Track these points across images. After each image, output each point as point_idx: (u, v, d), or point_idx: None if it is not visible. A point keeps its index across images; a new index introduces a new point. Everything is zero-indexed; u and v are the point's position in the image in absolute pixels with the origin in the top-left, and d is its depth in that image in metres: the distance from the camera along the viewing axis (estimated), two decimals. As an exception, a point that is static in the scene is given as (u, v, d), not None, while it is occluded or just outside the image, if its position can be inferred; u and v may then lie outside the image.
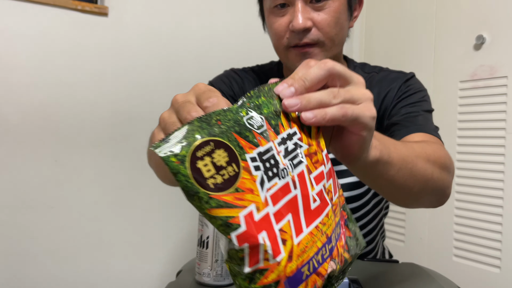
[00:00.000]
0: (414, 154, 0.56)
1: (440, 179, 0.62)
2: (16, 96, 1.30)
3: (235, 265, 0.33)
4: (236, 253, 0.32)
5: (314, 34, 0.76)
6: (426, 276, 0.75)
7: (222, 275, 0.63)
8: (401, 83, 0.85)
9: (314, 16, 0.75)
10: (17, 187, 1.31)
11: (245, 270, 0.32)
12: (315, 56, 0.77)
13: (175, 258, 1.57)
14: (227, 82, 0.90)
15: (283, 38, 0.78)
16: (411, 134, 0.75)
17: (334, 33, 0.77)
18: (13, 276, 1.31)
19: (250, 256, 0.32)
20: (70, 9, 1.37)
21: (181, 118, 0.39)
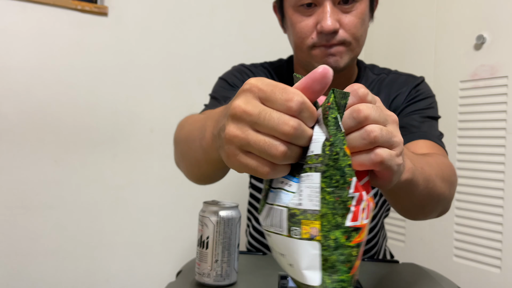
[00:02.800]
0: (434, 173, 0.57)
1: (449, 197, 0.65)
2: (16, 96, 1.30)
3: (339, 216, 0.35)
4: (344, 202, 0.35)
5: (341, 36, 0.75)
6: (426, 276, 0.75)
7: (222, 276, 0.63)
8: (411, 88, 0.85)
9: (341, 17, 0.75)
10: (17, 187, 1.31)
11: (347, 223, 0.35)
12: (341, 56, 0.76)
13: (175, 258, 1.57)
14: (239, 76, 0.89)
15: (308, 38, 0.77)
16: (415, 140, 0.76)
17: (360, 34, 0.77)
18: (13, 276, 1.31)
19: (354, 211, 0.35)
20: (70, 9, 1.36)
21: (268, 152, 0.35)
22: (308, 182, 0.36)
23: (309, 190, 0.35)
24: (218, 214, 0.63)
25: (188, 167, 0.66)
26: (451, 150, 1.49)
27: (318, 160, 0.35)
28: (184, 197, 1.55)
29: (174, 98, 1.55)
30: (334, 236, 0.35)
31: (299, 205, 0.36)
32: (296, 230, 0.36)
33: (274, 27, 1.01)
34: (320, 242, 0.35)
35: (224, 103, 0.82)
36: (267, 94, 0.35)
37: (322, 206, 0.35)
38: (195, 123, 0.57)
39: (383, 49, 1.82)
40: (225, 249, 0.63)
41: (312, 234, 0.35)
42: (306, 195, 0.35)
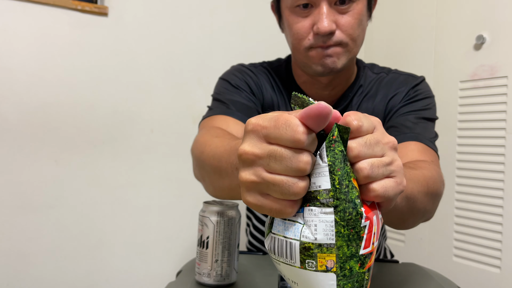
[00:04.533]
0: (417, 189, 0.56)
1: (431, 210, 0.65)
2: (16, 96, 1.30)
3: (353, 247, 0.36)
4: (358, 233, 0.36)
5: (338, 37, 0.75)
6: (426, 276, 0.75)
7: (222, 275, 0.63)
8: (409, 88, 0.85)
9: (338, 18, 0.74)
10: (17, 187, 1.31)
11: (361, 252, 0.36)
12: (338, 56, 0.76)
13: (175, 258, 1.57)
14: (240, 77, 0.88)
15: (305, 39, 0.76)
16: (406, 141, 0.75)
17: (357, 34, 0.76)
18: (13, 276, 1.31)
19: (366, 239, 0.36)
20: (70, 9, 1.37)
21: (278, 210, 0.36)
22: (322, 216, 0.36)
23: (324, 224, 0.36)
24: (218, 214, 0.63)
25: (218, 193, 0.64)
26: (451, 150, 1.49)
27: (330, 195, 0.36)
28: (184, 197, 1.55)
29: (174, 98, 1.55)
30: (349, 265, 0.36)
31: (314, 240, 0.36)
32: (311, 263, 0.37)
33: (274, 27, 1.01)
34: (336, 273, 0.36)
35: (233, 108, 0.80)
36: (271, 131, 0.34)
37: (337, 239, 0.36)
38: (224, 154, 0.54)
39: (383, 49, 1.82)
40: (225, 249, 0.63)
41: (328, 266, 0.36)
42: (321, 230, 0.36)
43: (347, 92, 0.87)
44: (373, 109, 0.85)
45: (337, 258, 0.36)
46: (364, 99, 0.86)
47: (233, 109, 0.80)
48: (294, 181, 0.34)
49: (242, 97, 0.84)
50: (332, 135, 0.36)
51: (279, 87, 0.89)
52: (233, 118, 0.77)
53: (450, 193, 1.48)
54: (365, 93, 0.87)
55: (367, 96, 0.86)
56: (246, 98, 0.84)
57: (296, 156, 0.34)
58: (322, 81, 0.83)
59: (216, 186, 0.60)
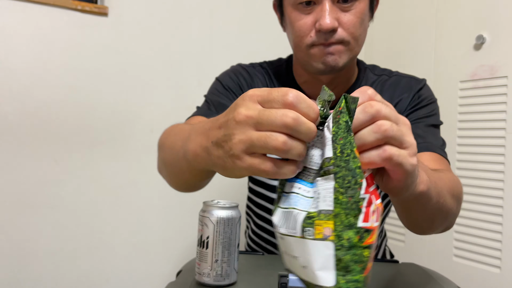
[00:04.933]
0: (445, 188, 0.58)
1: (456, 213, 0.66)
2: (16, 96, 1.30)
3: (352, 216, 0.36)
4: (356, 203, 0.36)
5: (340, 34, 0.75)
6: (426, 276, 0.75)
7: (222, 275, 0.63)
8: (413, 94, 0.85)
9: (340, 16, 0.74)
10: (17, 187, 1.31)
11: (359, 224, 0.36)
12: (339, 55, 0.76)
13: (175, 258, 1.57)
14: (234, 78, 0.88)
15: (307, 36, 0.76)
16: (420, 152, 0.76)
17: (359, 33, 0.76)
18: (13, 276, 1.31)
19: (366, 212, 0.36)
20: (70, 9, 1.37)
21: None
22: (323, 184, 0.37)
23: (324, 191, 0.37)
24: (218, 214, 0.63)
25: (170, 175, 0.66)
26: (451, 150, 1.49)
27: (330, 163, 0.36)
28: (184, 197, 1.54)
29: (174, 98, 1.55)
30: (348, 236, 0.36)
31: (315, 208, 0.37)
32: (309, 231, 0.37)
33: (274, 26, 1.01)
34: (333, 242, 0.36)
35: (214, 109, 0.82)
36: (265, 96, 0.37)
37: (336, 206, 0.36)
38: (179, 134, 0.57)
39: (383, 49, 1.82)
40: (225, 249, 0.63)
41: (325, 234, 0.36)
42: (321, 197, 0.37)
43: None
44: None
45: (335, 226, 0.36)
46: None
47: (213, 111, 0.82)
48: (275, 135, 0.36)
49: (229, 99, 0.85)
50: (339, 106, 0.37)
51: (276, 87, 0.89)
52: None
53: (450, 193, 1.48)
54: None
55: None
56: (232, 101, 0.84)
57: (282, 111, 0.36)
58: (323, 80, 0.83)
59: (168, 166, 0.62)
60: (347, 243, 0.36)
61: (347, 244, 0.36)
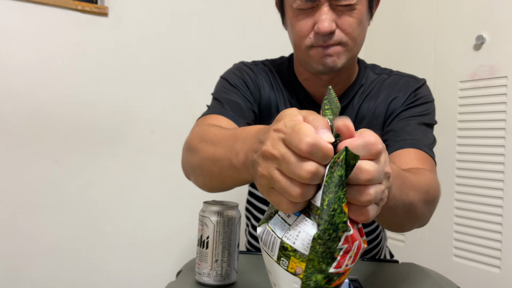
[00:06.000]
0: (417, 197, 0.59)
1: (429, 216, 0.69)
2: (16, 96, 1.30)
3: (325, 264, 0.38)
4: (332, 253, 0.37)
5: (338, 36, 0.76)
6: (426, 276, 0.75)
7: (222, 275, 0.63)
8: (410, 92, 0.85)
9: (339, 18, 0.75)
10: (17, 187, 1.31)
11: (330, 270, 0.38)
12: (338, 56, 0.77)
13: (175, 258, 1.57)
14: (239, 75, 0.89)
15: (306, 38, 0.77)
16: (405, 148, 0.77)
17: (357, 34, 0.77)
18: (13, 276, 1.31)
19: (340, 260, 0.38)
20: (70, 9, 1.37)
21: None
22: (306, 227, 0.39)
23: (304, 235, 0.38)
24: (218, 214, 0.63)
25: (208, 181, 0.65)
26: (451, 150, 1.49)
27: (317, 213, 0.38)
28: (184, 197, 1.55)
29: (174, 98, 1.55)
30: (315, 278, 0.38)
31: (293, 244, 0.39)
32: (284, 262, 0.39)
33: (274, 26, 1.01)
34: (301, 280, 0.39)
35: (228, 107, 0.81)
36: (286, 136, 0.37)
37: (311, 252, 0.38)
38: (221, 141, 0.56)
39: (383, 49, 1.82)
40: (225, 249, 0.63)
41: (296, 271, 0.39)
42: (300, 239, 0.38)
43: (348, 91, 0.87)
44: (374, 109, 0.86)
45: (306, 267, 0.38)
46: (366, 99, 0.87)
47: (227, 109, 0.81)
48: (292, 187, 0.37)
49: (238, 96, 0.85)
50: (338, 158, 0.36)
51: (279, 85, 0.89)
52: (225, 118, 0.79)
53: (450, 193, 1.49)
54: (366, 93, 0.87)
55: (369, 96, 0.87)
56: (242, 98, 0.85)
57: (300, 164, 0.36)
58: (323, 79, 0.84)
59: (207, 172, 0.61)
60: (313, 284, 0.39)
61: (313, 285, 0.39)
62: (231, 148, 0.51)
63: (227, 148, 0.52)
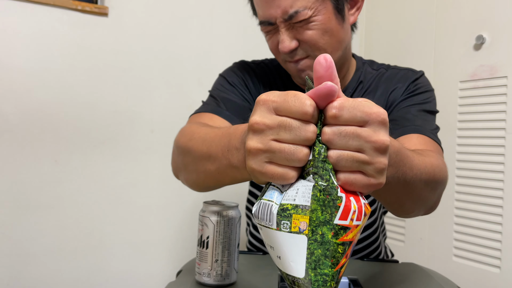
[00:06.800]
0: (418, 177, 0.56)
1: (433, 198, 0.65)
2: (16, 96, 1.30)
3: (328, 213, 0.37)
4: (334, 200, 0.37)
5: (302, 50, 0.77)
6: (426, 276, 0.75)
7: (222, 275, 0.63)
8: (409, 82, 0.85)
9: (299, 34, 0.76)
10: (17, 187, 1.31)
11: (335, 221, 0.37)
12: (310, 68, 0.78)
13: (175, 258, 1.57)
14: (239, 74, 0.89)
15: (278, 55, 0.80)
16: (408, 134, 0.75)
17: (323, 43, 0.77)
18: (13, 276, 1.31)
19: (343, 210, 0.38)
20: (70, 9, 1.37)
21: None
22: (303, 183, 0.39)
23: (303, 188, 0.38)
24: (218, 214, 0.63)
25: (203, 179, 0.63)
26: (451, 150, 1.49)
27: (310, 164, 0.38)
28: (184, 197, 1.55)
29: (174, 98, 1.55)
30: (321, 231, 0.38)
31: (293, 201, 0.38)
32: (286, 224, 0.39)
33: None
34: (307, 236, 0.38)
35: (223, 106, 0.82)
36: (280, 104, 0.38)
37: (313, 202, 0.38)
38: (215, 139, 0.55)
39: (383, 49, 1.82)
40: (225, 248, 0.63)
41: (301, 228, 0.38)
42: (300, 193, 0.38)
43: (347, 88, 0.88)
44: None
45: (310, 220, 0.38)
46: (364, 95, 0.87)
47: (222, 108, 0.81)
48: (300, 148, 0.37)
49: (236, 95, 0.85)
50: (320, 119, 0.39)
51: (278, 85, 0.90)
52: (220, 117, 0.79)
53: (450, 192, 1.49)
54: (365, 89, 0.88)
55: (367, 92, 0.87)
56: (240, 97, 0.85)
57: (304, 126, 0.37)
58: None
59: (201, 171, 0.60)
60: (320, 238, 0.38)
61: (320, 239, 0.38)
62: (227, 147, 0.50)
63: (223, 147, 0.51)
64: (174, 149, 0.71)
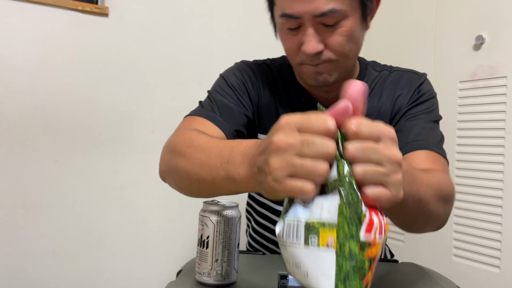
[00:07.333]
0: (429, 193, 0.58)
1: (444, 215, 0.66)
2: (17, 96, 1.30)
3: (354, 227, 0.39)
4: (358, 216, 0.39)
5: (326, 55, 0.73)
6: (426, 276, 0.75)
7: (222, 275, 0.63)
8: (414, 89, 0.84)
9: (326, 37, 0.72)
10: (18, 187, 1.31)
11: (361, 236, 0.39)
12: (329, 72, 0.75)
13: (175, 258, 1.57)
14: (239, 76, 0.87)
15: (295, 56, 0.76)
16: (416, 151, 0.76)
17: (348, 49, 0.75)
18: (13, 276, 1.31)
19: (368, 225, 0.39)
20: (71, 9, 1.37)
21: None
22: (328, 199, 0.40)
23: (329, 204, 0.40)
24: (218, 214, 0.63)
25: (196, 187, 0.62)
26: (450, 150, 1.49)
27: (336, 182, 0.40)
28: (184, 196, 1.54)
29: (174, 98, 1.55)
30: (348, 246, 0.39)
31: (319, 218, 0.40)
32: (314, 240, 0.40)
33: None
34: (336, 250, 0.39)
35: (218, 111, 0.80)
36: (304, 123, 0.40)
37: (339, 217, 0.39)
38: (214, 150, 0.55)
39: (383, 49, 1.82)
40: (225, 248, 0.63)
41: (328, 242, 0.39)
42: (326, 209, 0.40)
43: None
44: (379, 108, 0.85)
45: (337, 235, 0.39)
46: (369, 97, 0.86)
47: (216, 114, 0.80)
48: (321, 163, 0.39)
49: (233, 99, 0.83)
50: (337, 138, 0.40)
51: (280, 87, 0.88)
52: (213, 124, 0.78)
53: (450, 193, 1.49)
54: (369, 91, 0.87)
55: (372, 94, 0.87)
56: (236, 102, 0.83)
57: (327, 142, 0.39)
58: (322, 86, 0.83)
59: (195, 179, 0.59)
60: (348, 252, 0.39)
61: (348, 254, 0.39)
62: (227, 159, 0.50)
63: (222, 159, 0.52)
64: (167, 152, 0.70)
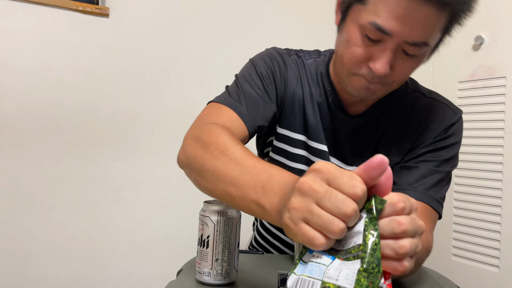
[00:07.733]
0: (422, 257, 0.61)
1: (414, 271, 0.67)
2: (17, 96, 1.31)
3: None
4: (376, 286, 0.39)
5: (387, 79, 0.70)
6: (426, 275, 0.75)
7: (222, 274, 0.63)
8: (443, 127, 0.80)
9: (397, 62, 0.68)
10: (18, 187, 1.32)
11: None
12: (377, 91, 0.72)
13: (175, 257, 1.57)
14: (269, 64, 0.82)
15: (355, 65, 0.70)
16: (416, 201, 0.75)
17: (407, 77, 0.73)
18: (14, 276, 1.31)
19: None
20: (71, 10, 1.37)
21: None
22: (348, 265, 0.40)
23: (348, 270, 0.40)
24: (219, 214, 0.63)
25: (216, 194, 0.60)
26: (450, 150, 1.50)
27: (360, 249, 0.40)
28: (184, 196, 1.55)
29: (174, 98, 1.55)
30: None
31: (335, 281, 0.40)
32: None
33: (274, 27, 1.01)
34: None
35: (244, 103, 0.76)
36: (336, 177, 0.39)
37: (356, 285, 0.39)
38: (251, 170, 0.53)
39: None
40: (225, 248, 0.63)
41: None
42: (343, 274, 0.40)
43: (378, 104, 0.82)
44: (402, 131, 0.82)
45: None
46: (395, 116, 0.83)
47: (242, 104, 0.77)
48: (336, 221, 0.38)
49: (260, 89, 0.80)
50: (370, 204, 0.40)
51: (308, 82, 0.85)
52: (238, 117, 0.75)
53: (449, 193, 1.49)
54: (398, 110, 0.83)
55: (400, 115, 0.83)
56: (263, 94, 0.80)
57: (347, 201, 0.38)
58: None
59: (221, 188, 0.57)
60: None
61: None
62: (264, 185, 0.49)
63: (257, 182, 0.50)
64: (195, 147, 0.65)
